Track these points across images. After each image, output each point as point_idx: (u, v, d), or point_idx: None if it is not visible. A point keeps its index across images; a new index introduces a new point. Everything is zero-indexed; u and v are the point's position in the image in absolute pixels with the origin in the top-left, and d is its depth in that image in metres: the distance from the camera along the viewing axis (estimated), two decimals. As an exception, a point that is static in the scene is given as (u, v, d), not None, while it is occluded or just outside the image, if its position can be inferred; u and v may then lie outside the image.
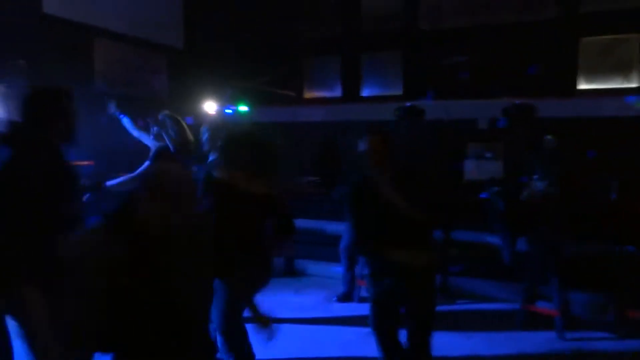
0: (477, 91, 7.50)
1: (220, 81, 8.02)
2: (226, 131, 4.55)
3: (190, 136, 4.11)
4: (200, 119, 6.86)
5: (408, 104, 5.72)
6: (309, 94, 9.67)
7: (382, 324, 2.79)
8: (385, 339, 2.79)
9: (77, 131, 2.67)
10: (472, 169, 6.68)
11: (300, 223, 3.43)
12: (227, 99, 7.86)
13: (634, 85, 7.52)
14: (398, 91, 8.78)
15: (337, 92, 9.44)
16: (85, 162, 6.16)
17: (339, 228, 5.17)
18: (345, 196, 4.49)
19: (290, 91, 9.08)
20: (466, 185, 6.41)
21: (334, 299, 4.95)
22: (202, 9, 8.71)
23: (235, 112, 7.84)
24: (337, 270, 5.17)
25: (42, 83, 6.43)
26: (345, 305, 4.84)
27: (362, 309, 2.57)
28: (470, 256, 5.25)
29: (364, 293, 4.79)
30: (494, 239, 4.90)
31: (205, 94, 7.69)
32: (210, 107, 7.53)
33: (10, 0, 6.14)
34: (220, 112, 7.50)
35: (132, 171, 4.22)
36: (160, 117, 4.23)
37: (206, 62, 8.36)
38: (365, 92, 9.25)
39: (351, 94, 9.20)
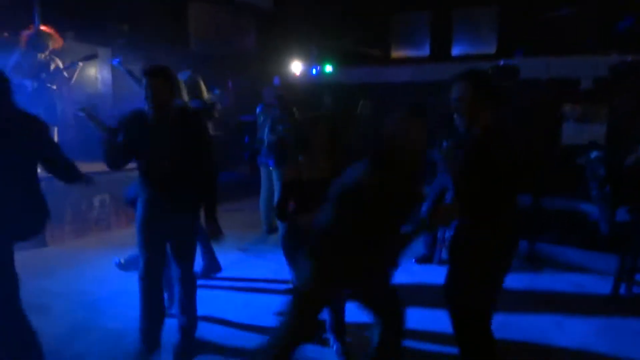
0: (580, 47, 6.89)
1: (307, 41, 8.05)
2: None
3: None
4: (286, 78, 6.98)
5: (502, 62, 5.41)
6: (396, 53, 9.43)
7: None
8: None
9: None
10: (571, 132, 6.23)
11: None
12: (313, 59, 7.88)
13: None
14: (491, 49, 8.30)
15: (426, 51, 9.12)
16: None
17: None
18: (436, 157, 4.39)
19: (377, 50, 8.91)
20: (565, 149, 6.02)
21: (413, 260, 4.95)
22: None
23: (320, 71, 7.85)
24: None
25: (142, 45, 6.90)
26: (424, 267, 4.83)
27: (442, 271, 2.53)
28: (563, 224, 4.98)
29: (444, 255, 4.75)
30: (591, 208, 4.60)
31: (292, 54, 7.78)
32: (296, 67, 7.62)
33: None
34: (306, 72, 7.56)
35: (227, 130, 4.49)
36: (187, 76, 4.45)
37: (293, 22, 8.40)
38: (455, 51, 8.84)
39: (441, 53, 8.84)
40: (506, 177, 2.29)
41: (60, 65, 5.08)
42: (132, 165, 2.82)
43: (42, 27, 5.07)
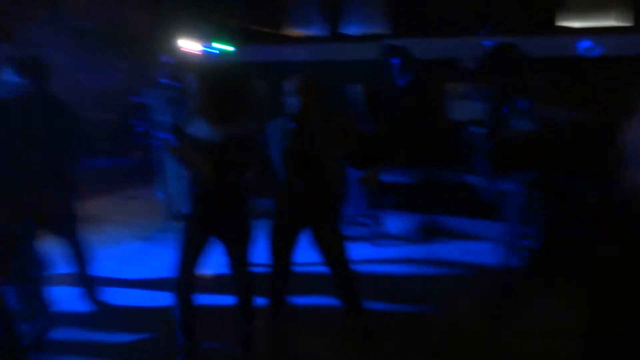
0: (460, 29, 7.38)
1: (201, 18, 7.73)
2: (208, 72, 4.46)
3: None
4: (179, 57, 6.66)
5: (390, 42, 5.66)
6: (289, 32, 9.39)
7: None
8: None
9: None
10: (456, 110, 6.72)
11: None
12: (207, 37, 7.60)
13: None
14: (383, 30, 8.58)
15: (319, 30, 9.19)
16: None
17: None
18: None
19: (271, 28, 8.80)
20: (449, 125, 6.47)
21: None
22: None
23: (221, 51, 7.61)
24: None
25: (4, 19, 6.12)
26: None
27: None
28: (452, 195, 5.40)
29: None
30: (474, 179, 5.03)
31: (185, 32, 7.43)
32: (189, 45, 7.30)
33: None
34: (203, 51, 7.27)
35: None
36: None
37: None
38: (348, 30, 9.03)
39: (333, 32, 8.97)
40: None
41: None
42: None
43: None
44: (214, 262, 3.11)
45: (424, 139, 5.35)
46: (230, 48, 7.69)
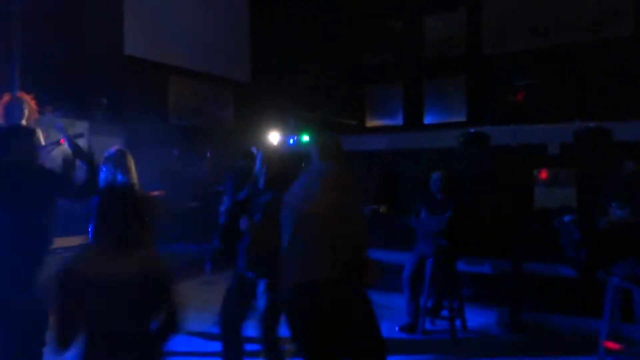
0: (546, 115, 7.21)
1: (283, 112, 8.26)
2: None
3: None
4: (263, 148, 7.07)
5: (472, 130, 5.62)
6: (371, 123, 9.71)
7: None
8: None
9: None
10: (542, 196, 6.38)
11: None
12: (290, 129, 8.05)
13: None
14: (462, 118, 8.62)
15: (399, 120, 9.42)
16: (159, 192, 6.51)
17: (400, 257, 5.09)
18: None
19: (352, 120, 9.16)
20: (536, 213, 6.12)
21: (397, 329, 4.83)
22: (267, 43, 9.08)
23: (298, 141, 8.00)
24: (398, 300, 5.06)
25: (122, 119, 6.98)
26: (408, 336, 4.71)
27: (425, 343, 2.47)
28: (540, 288, 4.97)
29: (428, 325, 4.64)
30: (567, 270, 4.62)
31: (269, 125, 7.94)
32: (273, 137, 7.75)
33: (96, 42, 6.70)
34: (283, 142, 7.68)
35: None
36: None
37: (270, 94, 8.66)
38: (427, 120, 9.16)
39: (413, 122, 9.14)
40: None
41: (42, 141, 5.01)
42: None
43: (19, 94, 5.04)
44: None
45: (508, 227, 5.09)
46: (308, 139, 8.04)
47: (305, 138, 8.10)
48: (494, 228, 5.32)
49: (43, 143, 4.98)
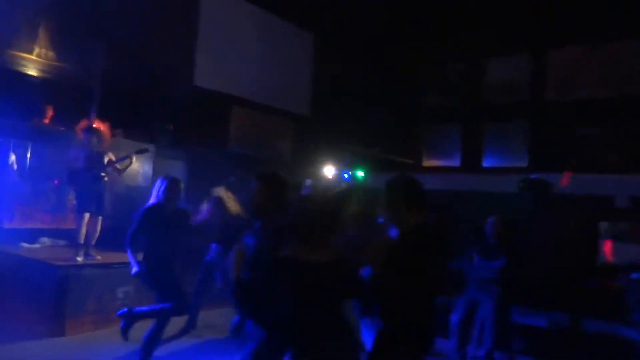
0: (614, 166, 6.87)
1: (340, 147, 8.35)
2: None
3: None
4: (318, 181, 7.15)
5: (533, 175, 5.43)
6: (427, 162, 9.61)
7: None
8: None
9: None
10: (608, 251, 6.01)
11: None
12: (345, 164, 8.11)
13: None
14: (522, 163, 8.37)
15: (457, 162, 9.27)
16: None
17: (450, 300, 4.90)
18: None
19: (408, 159, 9.11)
20: (601, 268, 5.77)
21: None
22: (328, 78, 9.30)
23: (352, 176, 8.03)
24: (445, 345, 4.85)
25: (185, 144, 7.30)
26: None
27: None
28: (602, 348, 4.62)
29: (471, 351, 4.42)
30: (632, 332, 4.28)
31: (325, 159, 8.04)
32: (328, 170, 7.83)
33: (168, 73, 7.13)
34: (338, 176, 7.74)
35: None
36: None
37: (329, 128, 8.80)
38: (486, 163, 8.96)
39: (471, 164, 8.97)
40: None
41: (113, 158, 5.39)
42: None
43: (95, 123, 5.48)
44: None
45: (566, 281, 4.81)
46: (362, 175, 8.06)
47: (360, 174, 8.13)
48: (553, 280, 5.05)
49: (114, 159, 5.36)
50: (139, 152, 5.50)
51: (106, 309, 5.15)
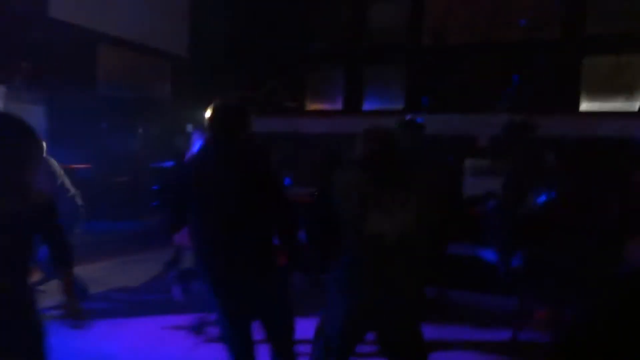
0: (478, 107, 7.50)
1: (222, 90, 8.06)
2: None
3: None
4: (200, 126, 6.87)
5: (408, 116, 5.71)
6: (311, 106, 9.70)
7: None
8: None
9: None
10: (471, 185, 6.64)
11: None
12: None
13: (636, 107, 7.51)
14: (400, 105, 8.80)
15: (339, 105, 9.48)
16: (84, 165, 6.18)
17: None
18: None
19: (292, 102, 9.10)
20: (465, 199, 6.36)
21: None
22: (207, 18, 8.81)
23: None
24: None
25: (44, 85, 6.52)
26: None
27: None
28: (465, 269, 5.19)
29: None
30: (487, 253, 4.84)
31: (207, 102, 7.73)
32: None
33: (17, 3, 6.22)
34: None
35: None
36: None
37: (209, 71, 8.42)
38: (367, 106, 9.28)
39: (353, 107, 9.23)
40: None
41: None
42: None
43: None
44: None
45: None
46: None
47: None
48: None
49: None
50: None
51: None
